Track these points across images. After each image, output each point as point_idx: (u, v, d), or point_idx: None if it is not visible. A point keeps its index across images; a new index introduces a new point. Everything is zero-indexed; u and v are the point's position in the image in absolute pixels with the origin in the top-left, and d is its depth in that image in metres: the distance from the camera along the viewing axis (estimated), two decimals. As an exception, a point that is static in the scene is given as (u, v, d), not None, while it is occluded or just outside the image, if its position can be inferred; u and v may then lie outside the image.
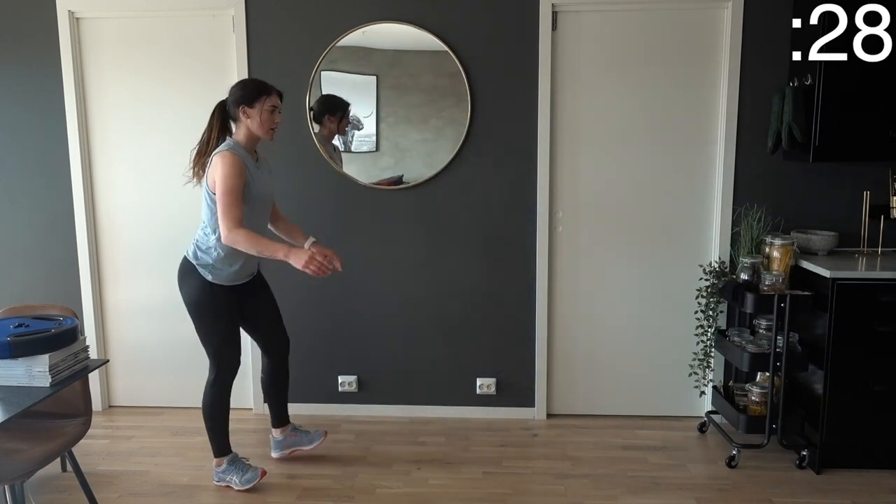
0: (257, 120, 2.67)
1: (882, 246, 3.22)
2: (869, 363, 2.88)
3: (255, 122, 2.68)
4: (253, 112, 2.67)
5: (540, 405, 3.56)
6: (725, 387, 3.31)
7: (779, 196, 3.33)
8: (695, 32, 3.29)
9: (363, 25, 3.32)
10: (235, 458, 2.91)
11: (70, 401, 2.52)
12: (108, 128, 3.54)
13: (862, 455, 2.99)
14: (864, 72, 2.92)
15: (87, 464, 3.00)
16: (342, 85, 3.37)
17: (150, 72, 3.47)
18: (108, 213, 3.61)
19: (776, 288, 2.95)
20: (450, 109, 3.36)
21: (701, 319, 3.30)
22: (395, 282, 3.53)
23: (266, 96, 2.68)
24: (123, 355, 3.71)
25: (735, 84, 3.26)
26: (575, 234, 3.46)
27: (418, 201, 3.45)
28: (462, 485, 2.91)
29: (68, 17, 3.41)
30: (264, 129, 2.70)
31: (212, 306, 2.74)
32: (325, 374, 3.62)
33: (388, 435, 3.39)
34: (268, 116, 2.69)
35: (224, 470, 2.89)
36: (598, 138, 3.38)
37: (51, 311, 2.62)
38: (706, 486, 2.88)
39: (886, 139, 2.98)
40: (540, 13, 3.27)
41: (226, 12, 3.39)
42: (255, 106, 2.67)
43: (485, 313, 3.52)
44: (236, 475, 2.86)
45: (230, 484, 2.87)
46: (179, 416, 3.63)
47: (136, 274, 3.63)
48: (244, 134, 2.71)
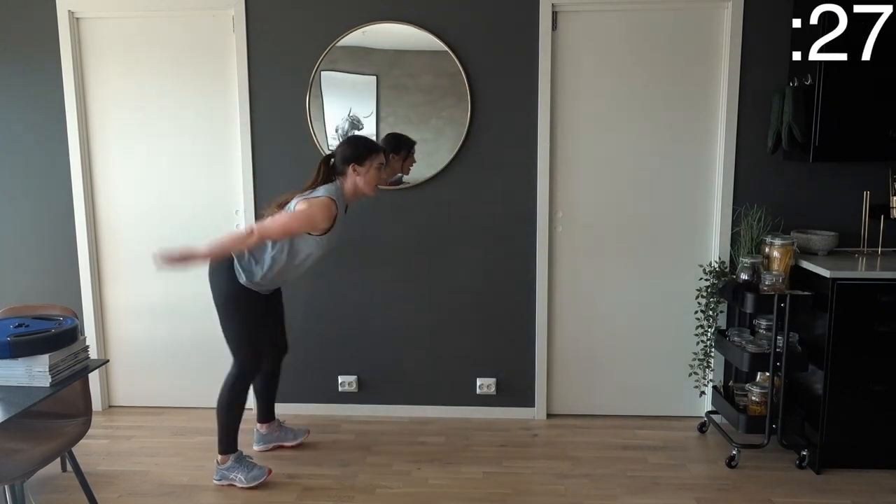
0: (364, 178, 2.76)
1: (882, 246, 3.23)
2: (869, 363, 2.88)
3: (363, 180, 2.77)
4: (362, 170, 2.75)
5: (540, 405, 3.56)
6: (725, 387, 3.31)
7: (779, 196, 3.33)
8: (695, 32, 3.29)
9: (363, 25, 3.32)
10: (241, 455, 2.92)
11: (70, 401, 2.52)
12: (108, 128, 3.54)
13: (862, 455, 2.99)
14: (864, 71, 2.92)
15: (87, 464, 3.00)
16: (342, 85, 3.37)
17: (150, 72, 3.47)
18: (108, 213, 3.61)
19: (776, 288, 2.95)
20: (450, 109, 3.36)
21: (701, 319, 3.30)
22: (395, 282, 3.53)
23: (375, 155, 2.76)
24: (123, 355, 3.71)
25: (735, 84, 3.26)
26: (575, 234, 3.46)
27: (418, 201, 3.46)
28: (462, 485, 2.91)
29: (68, 17, 3.41)
30: (371, 187, 2.80)
31: (240, 304, 2.78)
32: (325, 374, 3.62)
33: (388, 435, 3.39)
34: (375, 174, 2.78)
35: (228, 467, 2.88)
36: (599, 138, 3.38)
37: (51, 311, 2.62)
38: (706, 486, 2.88)
39: (886, 139, 2.98)
40: (540, 13, 3.27)
41: (226, 12, 3.39)
42: (365, 164, 2.74)
43: (485, 313, 3.52)
44: (241, 472, 2.86)
45: (233, 482, 2.87)
46: (179, 416, 3.63)
47: (136, 274, 3.63)
48: (350, 189, 2.78)
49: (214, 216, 3.55)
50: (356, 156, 2.75)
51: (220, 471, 2.90)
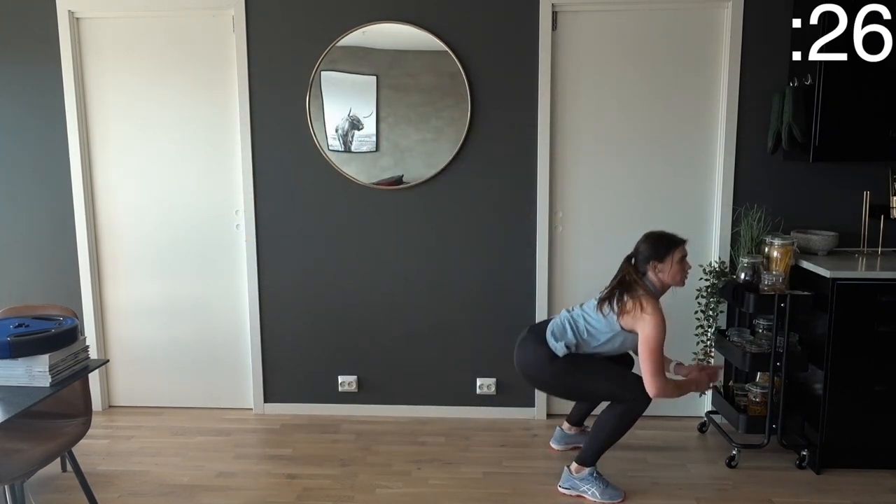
0: (667, 273, 2.75)
1: (882, 246, 3.22)
2: (869, 363, 2.88)
3: (667, 275, 2.76)
4: (663, 266, 2.74)
5: (540, 405, 3.56)
6: (725, 387, 3.31)
7: (779, 196, 3.32)
8: (695, 32, 3.29)
9: (363, 25, 3.32)
10: (597, 471, 2.82)
11: (70, 401, 2.52)
12: (108, 128, 3.54)
13: (862, 455, 2.99)
14: (864, 72, 2.92)
15: (87, 464, 2.99)
16: (342, 85, 3.37)
17: (150, 71, 3.47)
18: (108, 213, 3.61)
19: (776, 288, 2.95)
20: (450, 109, 3.36)
21: (701, 319, 3.30)
22: (395, 282, 3.53)
23: (675, 249, 2.75)
24: (123, 355, 3.71)
25: (735, 84, 3.26)
26: (575, 233, 3.46)
27: (418, 201, 3.45)
28: (462, 485, 2.91)
29: (68, 17, 3.41)
30: (677, 280, 2.78)
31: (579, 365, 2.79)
32: (325, 374, 3.62)
33: (388, 435, 3.39)
34: (678, 267, 2.76)
35: (583, 479, 2.79)
36: (598, 138, 3.38)
37: (51, 311, 2.62)
38: (706, 486, 2.88)
39: (886, 139, 2.98)
40: (540, 13, 3.27)
41: (226, 12, 3.39)
42: (666, 261, 2.74)
43: (485, 313, 3.52)
44: (596, 488, 2.77)
45: (583, 493, 2.79)
46: (179, 416, 3.63)
47: (136, 274, 3.63)
48: (658, 285, 2.78)
49: (214, 216, 3.55)
50: (654, 254, 2.74)
51: (571, 479, 2.82)
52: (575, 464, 2.83)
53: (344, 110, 3.39)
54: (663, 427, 3.44)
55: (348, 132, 3.39)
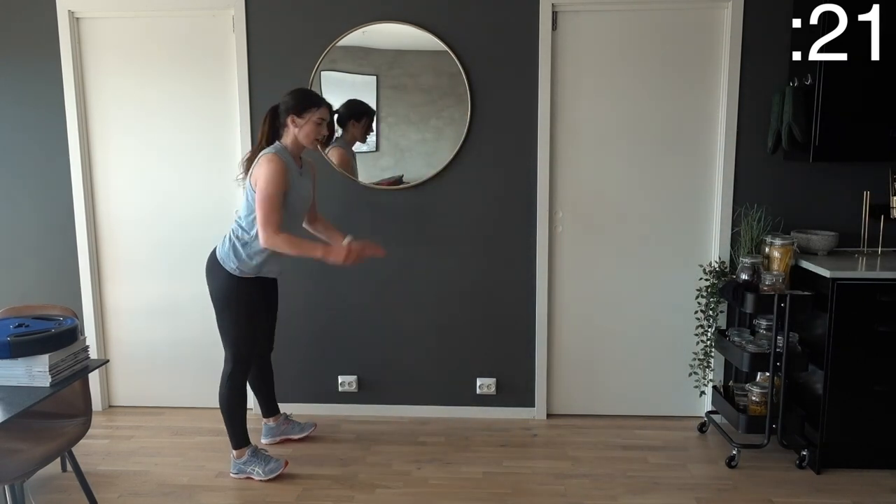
0: (304, 130, 2.77)
1: (882, 246, 3.23)
2: (869, 363, 2.88)
3: (302, 132, 2.78)
4: (301, 122, 2.77)
5: (540, 405, 3.56)
6: (725, 387, 3.31)
7: (779, 196, 3.33)
8: (695, 32, 3.29)
9: (363, 25, 3.32)
10: (256, 449, 2.96)
11: (70, 401, 2.52)
12: (108, 128, 3.54)
13: (862, 455, 2.99)
14: (864, 71, 2.92)
15: (87, 464, 3.00)
16: (342, 85, 3.37)
17: (150, 71, 3.47)
18: (108, 213, 3.61)
19: (776, 288, 2.95)
20: (450, 109, 3.36)
21: (701, 319, 3.30)
22: (394, 282, 3.53)
23: (315, 108, 2.78)
24: (123, 355, 3.71)
25: (735, 84, 3.26)
26: (575, 233, 3.46)
27: (418, 201, 3.46)
28: (462, 485, 2.91)
29: (68, 17, 3.41)
30: (309, 140, 2.81)
31: (235, 300, 2.81)
32: (325, 374, 3.62)
33: (388, 435, 3.39)
34: (314, 128, 2.79)
35: (245, 461, 2.93)
36: (599, 138, 3.38)
37: (51, 311, 2.62)
38: (706, 486, 2.88)
39: (886, 139, 2.98)
40: (540, 13, 3.27)
41: (226, 12, 3.39)
42: (304, 116, 2.76)
43: (485, 313, 3.52)
44: (258, 466, 2.91)
45: (251, 475, 2.92)
46: (179, 416, 3.63)
47: (136, 274, 3.63)
48: (291, 140, 2.81)
49: (214, 216, 3.54)
50: (295, 106, 2.77)
51: (237, 464, 2.94)
52: (234, 450, 2.94)
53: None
54: (663, 427, 3.45)
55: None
